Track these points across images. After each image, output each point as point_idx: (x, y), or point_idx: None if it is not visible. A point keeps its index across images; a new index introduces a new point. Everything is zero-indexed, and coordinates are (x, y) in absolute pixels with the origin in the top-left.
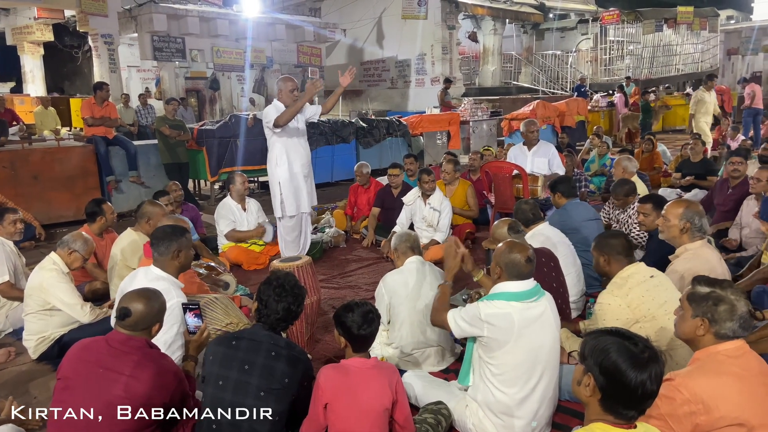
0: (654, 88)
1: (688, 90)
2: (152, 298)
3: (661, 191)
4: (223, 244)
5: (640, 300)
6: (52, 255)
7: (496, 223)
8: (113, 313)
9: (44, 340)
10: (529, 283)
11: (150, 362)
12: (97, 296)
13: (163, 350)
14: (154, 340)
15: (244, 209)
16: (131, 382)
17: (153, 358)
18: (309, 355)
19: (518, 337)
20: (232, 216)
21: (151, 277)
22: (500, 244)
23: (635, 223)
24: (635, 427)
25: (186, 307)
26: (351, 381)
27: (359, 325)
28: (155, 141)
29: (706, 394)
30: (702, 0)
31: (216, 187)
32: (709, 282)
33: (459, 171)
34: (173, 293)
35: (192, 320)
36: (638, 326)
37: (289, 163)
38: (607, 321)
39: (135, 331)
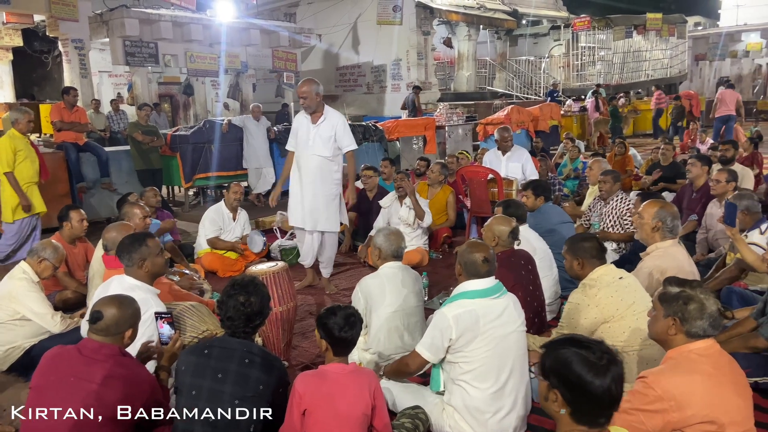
0: (623, 94)
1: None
2: (125, 303)
3: (632, 194)
4: (199, 250)
5: (609, 300)
6: (22, 264)
7: (496, 218)
8: (83, 323)
9: (14, 350)
10: (491, 281)
11: (123, 370)
12: (68, 306)
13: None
14: (133, 350)
15: (234, 219)
16: (103, 390)
17: (126, 366)
18: (285, 362)
19: (484, 331)
20: (221, 222)
21: (126, 286)
22: (463, 245)
23: (628, 213)
24: (607, 429)
25: (158, 316)
26: (329, 387)
27: (341, 327)
28: (128, 147)
29: (678, 391)
30: (670, 7)
31: (190, 193)
32: (679, 282)
33: (446, 175)
34: (151, 302)
35: (165, 330)
36: (607, 326)
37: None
38: (575, 320)
39: (107, 337)
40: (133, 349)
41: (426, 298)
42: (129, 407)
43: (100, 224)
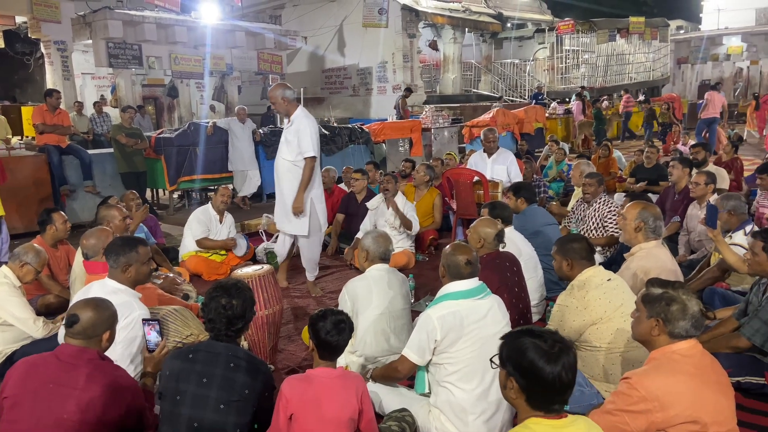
0: (606, 96)
1: (641, 98)
2: (101, 306)
3: (616, 196)
4: (183, 252)
5: (597, 303)
6: (3, 268)
7: (482, 220)
8: (61, 329)
9: None
10: (474, 282)
11: (103, 375)
12: (51, 310)
13: (126, 365)
14: (116, 357)
15: (221, 221)
16: (84, 396)
17: (106, 370)
18: (271, 366)
19: (468, 331)
20: (209, 224)
21: (108, 289)
22: (446, 247)
23: (609, 217)
24: (566, 416)
25: (146, 322)
26: (315, 391)
27: (327, 331)
28: (111, 150)
29: (661, 392)
30: (653, 11)
31: (175, 196)
32: (661, 283)
33: (431, 176)
34: (134, 305)
35: (152, 337)
36: (595, 328)
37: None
38: (564, 322)
39: (85, 341)
40: (112, 353)
41: (412, 301)
42: (111, 412)
43: (82, 228)
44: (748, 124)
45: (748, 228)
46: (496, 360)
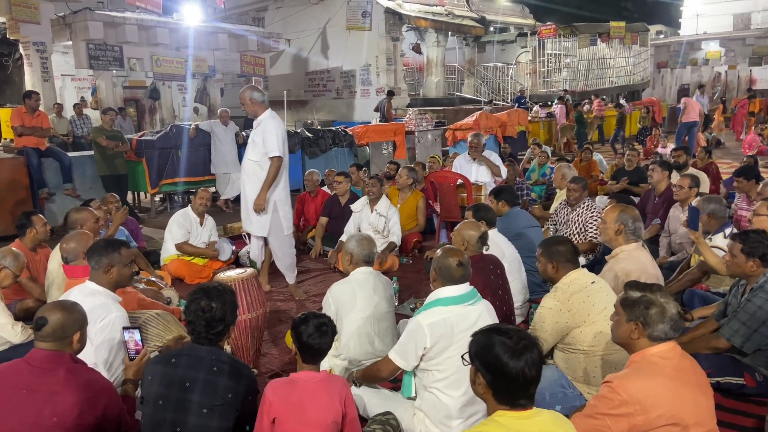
0: (588, 100)
1: (621, 102)
2: (68, 307)
3: (598, 199)
4: (165, 256)
5: (581, 306)
6: None
7: (465, 223)
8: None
9: None
10: (465, 287)
11: (77, 378)
12: (29, 315)
13: (104, 370)
14: (93, 362)
15: (202, 224)
16: (58, 399)
17: (80, 373)
18: (255, 370)
19: (458, 339)
20: (189, 227)
21: (86, 292)
22: (437, 250)
23: (591, 222)
24: (531, 408)
25: (126, 330)
26: (299, 395)
27: (309, 334)
28: (91, 152)
29: (642, 395)
30: (633, 15)
31: (157, 199)
32: (639, 287)
33: (414, 179)
34: (111, 308)
35: (132, 344)
36: (578, 330)
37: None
38: (546, 324)
39: (55, 343)
40: (88, 357)
41: (397, 303)
42: (88, 415)
43: (63, 231)
44: (716, 128)
45: (728, 230)
46: (467, 357)
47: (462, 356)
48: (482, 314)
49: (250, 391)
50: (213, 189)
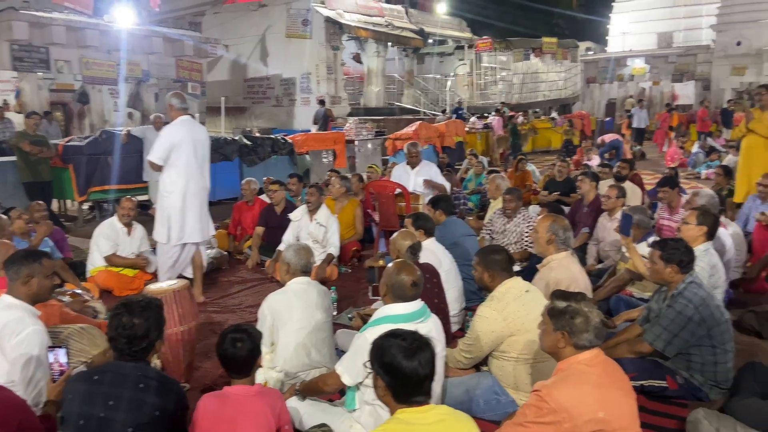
0: (522, 113)
1: (554, 114)
2: None
3: (531, 208)
4: (92, 267)
5: (516, 314)
6: None
7: (400, 233)
8: None
9: None
10: (416, 304)
11: None
12: None
13: (21, 388)
14: (10, 379)
15: (129, 234)
16: None
17: None
18: (186, 384)
19: None
20: (116, 238)
21: (2, 306)
22: (390, 264)
23: (527, 231)
24: (428, 404)
25: (51, 350)
26: (230, 410)
27: (225, 348)
28: (13, 158)
29: (569, 403)
30: (564, 32)
31: (85, 207)
32: (565, 296)
33: (347, 187)
34: (28, 321)
35: (57, 366)
36: (513, 339)
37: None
38: (482, 332)
39: None
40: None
41: (335, 313)
42: None
43: None
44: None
45: (651, 239)
46: (368, 364)
47: (364, 363)
48: (431, 332)
49: (179, 408)
50: (146, 197)
